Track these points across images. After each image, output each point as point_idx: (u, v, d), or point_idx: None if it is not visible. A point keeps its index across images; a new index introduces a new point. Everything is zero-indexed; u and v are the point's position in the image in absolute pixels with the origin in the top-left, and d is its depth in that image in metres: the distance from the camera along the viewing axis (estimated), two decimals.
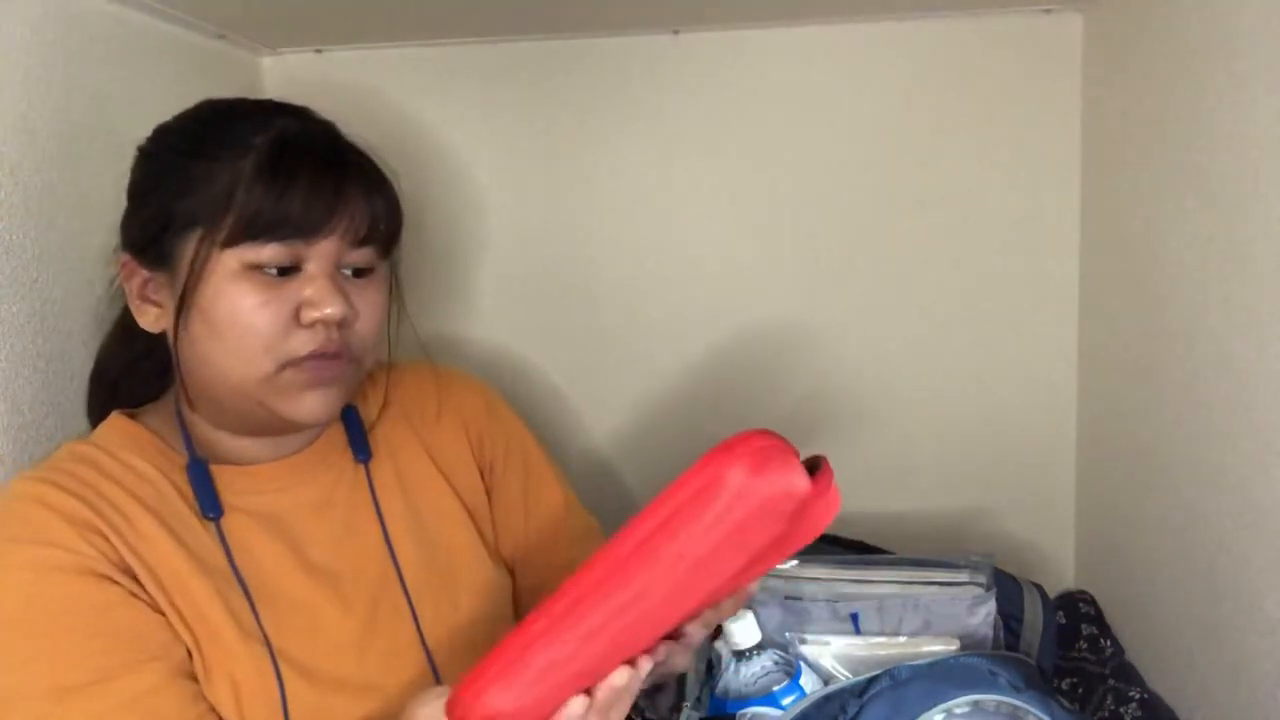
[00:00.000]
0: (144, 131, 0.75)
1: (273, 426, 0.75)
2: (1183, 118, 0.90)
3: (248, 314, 0.69)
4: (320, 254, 0.71)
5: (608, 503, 1.04)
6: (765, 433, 0.60)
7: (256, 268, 0.69)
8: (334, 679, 0.72)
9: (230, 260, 0.69)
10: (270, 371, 0.70)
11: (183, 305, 0.70)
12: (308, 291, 0.70)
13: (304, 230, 0.69)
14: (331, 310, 0.70)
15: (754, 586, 0.71)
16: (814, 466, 0.61)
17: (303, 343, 0.70)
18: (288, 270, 0.70)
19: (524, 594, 0.89)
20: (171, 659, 0.67)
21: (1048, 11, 1.11)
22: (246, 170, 0.69)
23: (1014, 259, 1.17)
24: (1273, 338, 0.78)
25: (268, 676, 0.70)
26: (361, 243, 0.73)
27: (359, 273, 0.74)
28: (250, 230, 0.68)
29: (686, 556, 0.58)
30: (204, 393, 0.73)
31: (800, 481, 0.58)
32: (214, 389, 0.72)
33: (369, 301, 0.74)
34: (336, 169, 0.72)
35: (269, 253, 0.69)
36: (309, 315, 0.70)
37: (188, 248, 0.69)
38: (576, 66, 1.17)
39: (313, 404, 0.72)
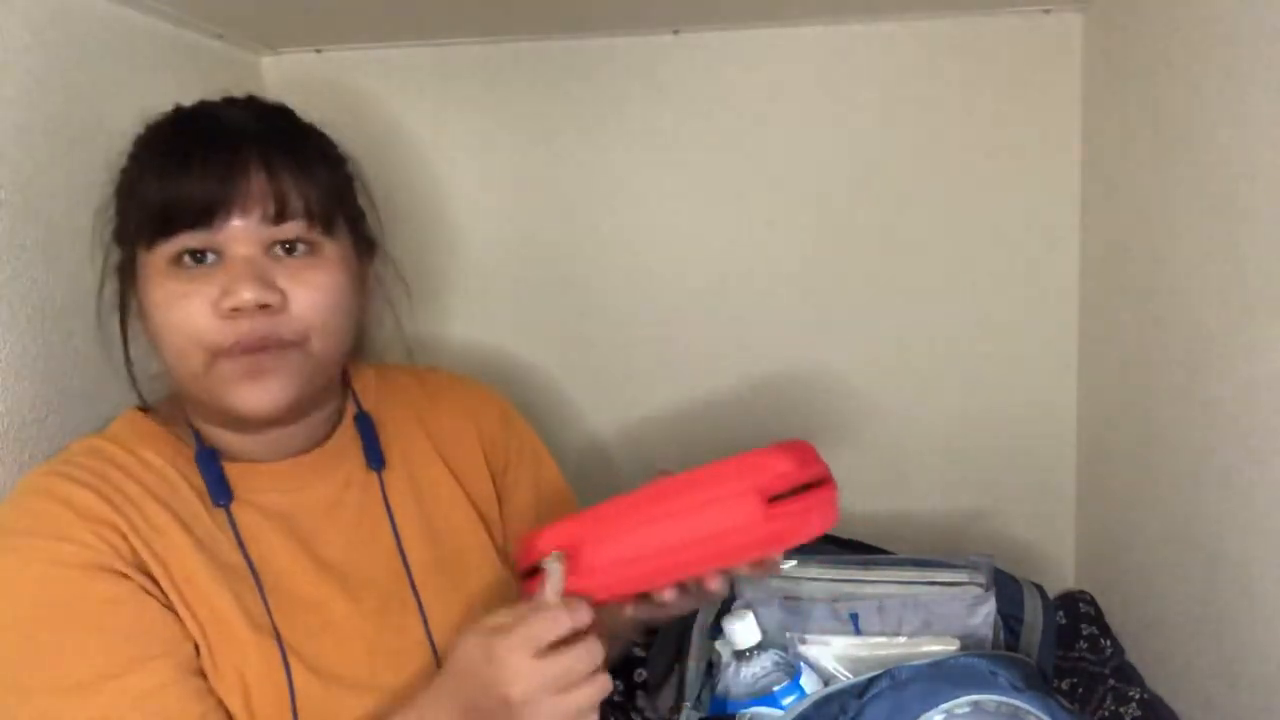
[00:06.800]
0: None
1: (237, 421, 0.73)
2: (1183, 118, 0.90)
3: (170, 308, 0.68)
4: (235, 238, 0.68)
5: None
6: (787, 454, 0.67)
7: (176, 261, 0.69)
8: (342, 676, 0.72)
9: (156, 259, 0.69)
10: (204, 364, 0.68)
11: (124, 312, 0.72)
12: (226, 278, 0.68)
13: (202, 215, 0.67)
14: (247, 295, 0.67)
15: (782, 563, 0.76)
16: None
17: (225, 334, 0.68)
18: (207, 259, 0.69)
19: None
20: (179, 656, 0.67)
21: (1048, 11, 1.11)
22: (146, 165, 0.70)
23: (1014, 259, 1.17)
24: (1273, 338, 0.78)
25: (277, 671, 0.69)
26: (280, 219, 0.69)
27: (292, 250, 0.71)
28: (154, 224, 0.68)
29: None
30: (176, 392, 0.75)
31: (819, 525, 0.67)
32: (178, 387, 0.73)
33: (306, 281, 0.70)
34: (228, 149, 0.69)
35: (179, 243, 0.68)
36: (223, 304, 0.67)
37: (127, 255, 0.72)
38: (576, 66, 1.17)
39: (253, 395, 0.69)
